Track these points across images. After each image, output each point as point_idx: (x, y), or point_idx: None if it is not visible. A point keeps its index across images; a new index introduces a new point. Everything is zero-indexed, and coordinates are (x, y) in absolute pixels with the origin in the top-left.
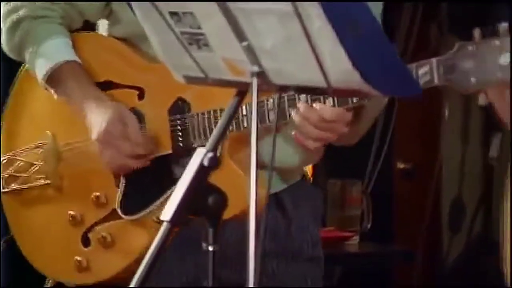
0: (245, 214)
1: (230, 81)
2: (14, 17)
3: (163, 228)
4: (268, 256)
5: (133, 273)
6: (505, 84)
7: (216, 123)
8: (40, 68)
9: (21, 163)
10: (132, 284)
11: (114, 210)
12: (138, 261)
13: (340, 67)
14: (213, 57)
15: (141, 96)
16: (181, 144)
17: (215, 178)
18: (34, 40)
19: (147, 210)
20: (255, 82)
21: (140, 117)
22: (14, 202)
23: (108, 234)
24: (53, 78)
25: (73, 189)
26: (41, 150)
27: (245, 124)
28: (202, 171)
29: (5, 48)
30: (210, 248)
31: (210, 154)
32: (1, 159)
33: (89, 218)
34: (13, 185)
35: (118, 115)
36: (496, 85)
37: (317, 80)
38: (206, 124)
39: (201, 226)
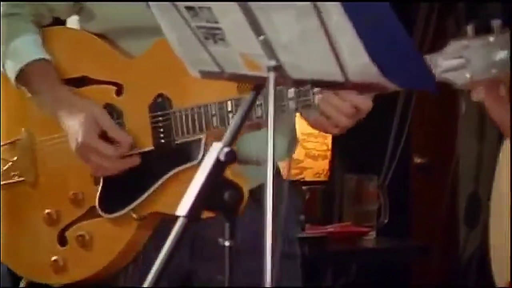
0: None
1: (247, 75)
2: None
3: (178, 223)
4: (243, 252)
5: (112, 273)
6: (497, 81)
7: (199, 119)
8: (10, 70)
9: None
10: (146, 283)
11: (92, 208)
12: (117, 261)
13: (357, 61)
14: (230, 51)
15: (119, 92)
16: (162, 141)
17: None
18: (2, 40)
19: (128, 208)
20: (272, 76)
21: (118, 114)
22: None
23: (86, 233)
24: (23, 79)
25: (49, 187)
26: (15, 146)
27: (230, 121)
28: (218, 166)
29: None
30: (227, 243)
31: (226, 149)
32: None
33: (66, 216)
34: None
35: (92, 119)
36: (488, 82)
37: (334, 74)
38: (189, 121)
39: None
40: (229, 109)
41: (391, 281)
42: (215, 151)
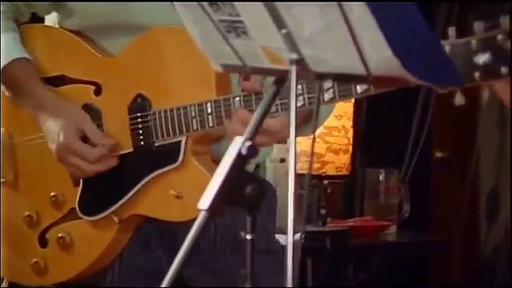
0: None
1: (269, 69)
2: None
3: (200, 217)
4: (220, 250)
5: (92, 275)
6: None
7: (179, 121)
8: None
9: None
10: (167, 279)
11: (73, 210)
12: (97, 263)
13: (380, 55)
14: (252, 45)
15: (97, 92)
16: (142, 143)
17: (177, 178)
18: None
19: (108, 211)
20: (294, 69)
21: (97, 114)
22: None
23: (66, 235)
24: (3, 78)
25: (29, 188)
26: None
27: (210, 123)
28: (240, 160)
29: None
30: (248, 237)
31: (248, 143)
32: None
33: (46, 218)
34: None
35: (73, 121)
36: (475, 85)
37: (356, 68)
38: (169, 123)
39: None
40: (209, 111)
41: (412, 275)
42: (237, 145)
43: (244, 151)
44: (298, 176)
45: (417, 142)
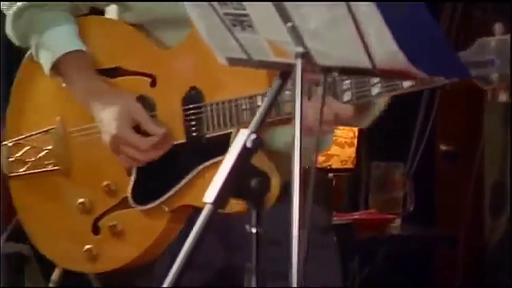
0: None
1: (274, 62)
2: (18, 4)
3: (205, 210)
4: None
5: (144, 263)
6: None
7: (230, 113)
8: (44, 61)
9: (29, 148)
10: (174, 268)
11: (126, 199)
12: (148, 252)
13: (385, 48)
14: (257, 38)
15: (153, 84)
16: (194, 134)
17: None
18: (37, 29)
19: (160, 200)
20: (299, 63)
21: (151, 105)
22: (23, 187)
23: (118, 223)
24: (58, 70)
25: (83, 176)
26: (50, 135)
27: (245, 118)
28: (245, 153)
29: (10, 36)
30: (253, 230)
31: (253, 136)
32: (7, 142)
33: (99, 206)
34: (21, 170)
35: (126, 111)
36: None
37: (362, 61)
38: (221, 115)
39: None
40: (259, 103)
41: (416, 268)
42: (242, 138)
43: (249, 144)
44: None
45: (422, 135)
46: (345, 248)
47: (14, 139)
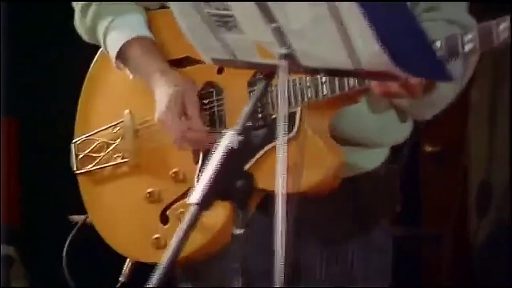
0: (323, 187)
1: (259, 63)
2: None
3: (191, 211)
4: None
5: (210, 251)
6: None
7: (294, 91)
8: (112, 46)
9: (98, 143)
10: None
11: (193, 187)
12: (215, 239)
13: (368, 49)
14: (242, 39)
15: (220, 71)
16: (260, 115)
17: (292, 149)
18: (105, 17)
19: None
20: (283, 63)
21: (218, 91)
22: (91, 182)
23: (187, 211)
24: (124, 56)
25: (151, 166)
26: (118, 128)
27: (324, 92)
28: (231, 154)
29: (79, 29)
30: (238, 232)
31: (239, 137)
32: (76, 140)
33: (167, 195)
34: (89, 166)
35: (180, 98)
36: None
37: (346, 62)
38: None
39: None
40: (323, 80)
41: (402, 268)
42: (228, 139)
43: (235, 145)
44: None
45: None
46: None
47: (83, 137)
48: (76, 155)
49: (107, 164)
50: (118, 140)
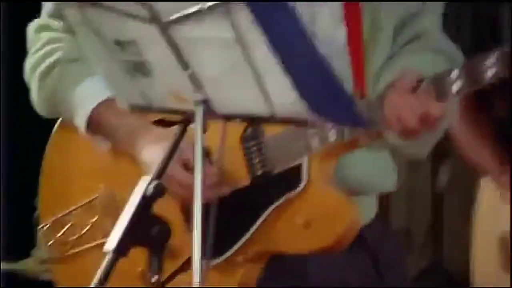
0: (338, 245)
1: (175, 109)
2: (49, 60)
3: (107, 258)
4: None
5: None
6: None
7: (297, 143)
8: (80, 117)
9: (72, 224)
10: None
11: (188, 260)
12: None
13: (284, 96)
14: (158, 84)
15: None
16: (259, 173)
17: (301, 205)
18: (67, 86)
19: (232, 251)
20: (199, 110)
21: (207, 152)
22: (66, 269)
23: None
24: (95, 123)
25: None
26: (94, 205)
27: (331, 139)
28: (146, 201)
29: (35, 99)
30: (153, 279)
31: (154, 183)
32: (44, 225)
33: (165, 271)
34: (63, 251)
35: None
36: None
37: (262, 109)
38: (286, 146)
39: None
40: (329, 126)
41: None
42: (143, 185)
43: (149, 192)
44: None
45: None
46: None
47: (51, 220)
48: (46, 243)
49: (84, 247)
50: (94, 219)
